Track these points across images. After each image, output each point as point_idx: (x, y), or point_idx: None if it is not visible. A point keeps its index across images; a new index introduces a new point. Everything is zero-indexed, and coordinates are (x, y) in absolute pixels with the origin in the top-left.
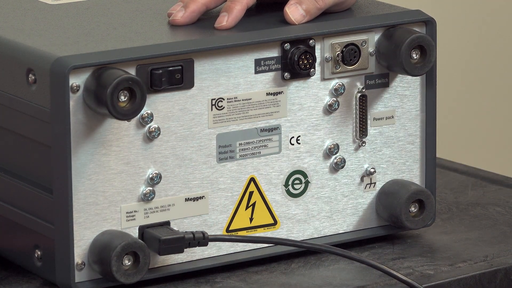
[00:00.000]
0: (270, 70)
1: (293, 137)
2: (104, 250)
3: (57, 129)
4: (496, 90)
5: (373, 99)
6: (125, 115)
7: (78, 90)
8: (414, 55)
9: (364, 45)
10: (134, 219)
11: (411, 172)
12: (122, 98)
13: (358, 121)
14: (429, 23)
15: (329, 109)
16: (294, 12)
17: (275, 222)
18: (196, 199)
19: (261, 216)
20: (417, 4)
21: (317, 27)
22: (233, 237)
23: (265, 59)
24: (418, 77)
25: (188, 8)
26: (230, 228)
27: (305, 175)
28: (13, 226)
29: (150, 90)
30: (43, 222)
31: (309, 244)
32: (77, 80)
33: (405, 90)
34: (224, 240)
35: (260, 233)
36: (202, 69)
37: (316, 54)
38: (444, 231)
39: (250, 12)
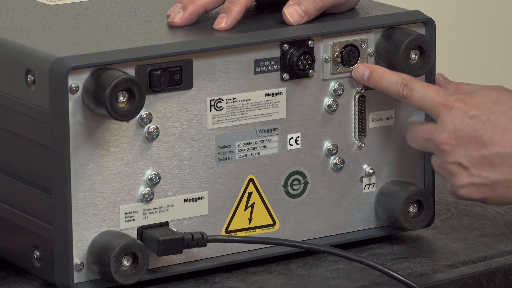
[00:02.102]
0: (269, 71)
1: (292, 137)
2: (103, 251)
3: (56, 129)
4: None
5: (372, 99)
6: (124, 116)
7: (77, 91)
8: (413, 56)
9: (363, 46)
10: (133, 219)
11: (410, 172)
12: (121, 98)
13: (357, 121)
14: (428, 23)
15: (328, 110)
16: (293, 13)
17: (274, 223)
18: (195, 199)
19: (260, 217)
20: (416, 4)
21: (316, 28)
22: (232, 238)
23: (264, 60)
24: (417, 77)
25: (186, 10)
26: (229, 229)
27: (304, 176)
28: (12, 227)
29: (149, 91)
30: (42, 222)
31: (308, 245)
32: (76, 81)
33: None
34: (223, 240)
35: (259, 233)
36: (201, 69)
37: (315, 54)
38: (443, 231)
39: (249, 13)
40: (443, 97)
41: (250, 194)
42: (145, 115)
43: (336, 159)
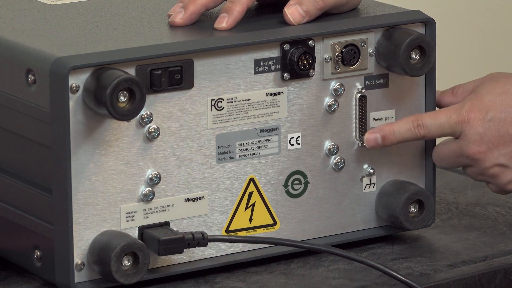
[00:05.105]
0: (269, 71)
1: (292, 137)
2: (103, 251)
3: (56, 129)
4: None
5: (373, 99)
6: (125, 116)
7: (77, 91)
8: (413, 56)
9: (363, 46)
10: (133, 219)
11: (411, 172)
12: (122, 98)
13: (357, 121)
14: (429, 23)
15: (329, 110)
16: (294, 12)
17: (275, 223)
18: (195, 199)
19: (261, 217)
20: (416, 4)
21: (317, 28)
22: (232, 238)
23: (265, 60)
24: (417, 77)
25: (187, 9)
26: (229, 229)
27: (304, 176)
28: (12, 227)
29: (149, 91)
30: (42, 222)
31: (308, 245)
32: (77, 81)
33: (405, 91)
34: (224, 240)
35: (259, 233)
36: (202, 69)
37: (316, 54)
38: (444, 231)
39: (249, 13)
40: (456, 115)
41: (250, 194)
42: (145, 115)
43: (337, 158)
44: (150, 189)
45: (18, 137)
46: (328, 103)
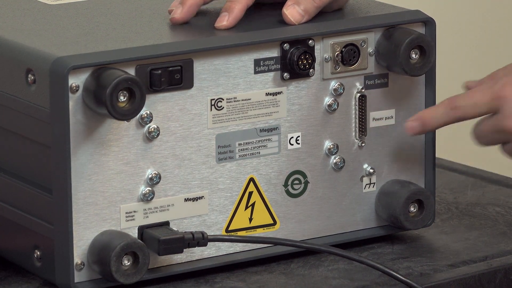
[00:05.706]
0: (269, 70)
1: (292, 137)
2: (103, 250)
3: (56, 129)
4: None
5: (373, 99)
6: (125, 115)
7: (77, 90)
8: (413, 55)
9: (363, 45)
10: (133, 219)
11: (411, 172)
12: (122, 98)
13: (357, 121)
14: (429, 23)
15: (329, 109)
16: (293, 12)
17: (275, 222)
18: (195, 199)
19: (261, 216)
20: (416, 4)
21: (317, 27)
22: (232, 237)
23: (265, 59)
24: (417, 77)
25: (185, 4)
26: (229, 228)
27: (304, 175)
28: (12, 226)
29: (149, 90)
30: (42, 222)
31: (308, 244)
32: (77, 80)
33: (405, 90)
34: (224, 240)
35: (259, 233)
36: (202, 69)
37: (316, 54)
38: (444, 231)
39: (249, 12)
40: (490, 92)
41: (250, 193)
42: (145, 115)
43: (337, 158)
44: (150, 189)
45: (18, 137)
46: (328, 103)
